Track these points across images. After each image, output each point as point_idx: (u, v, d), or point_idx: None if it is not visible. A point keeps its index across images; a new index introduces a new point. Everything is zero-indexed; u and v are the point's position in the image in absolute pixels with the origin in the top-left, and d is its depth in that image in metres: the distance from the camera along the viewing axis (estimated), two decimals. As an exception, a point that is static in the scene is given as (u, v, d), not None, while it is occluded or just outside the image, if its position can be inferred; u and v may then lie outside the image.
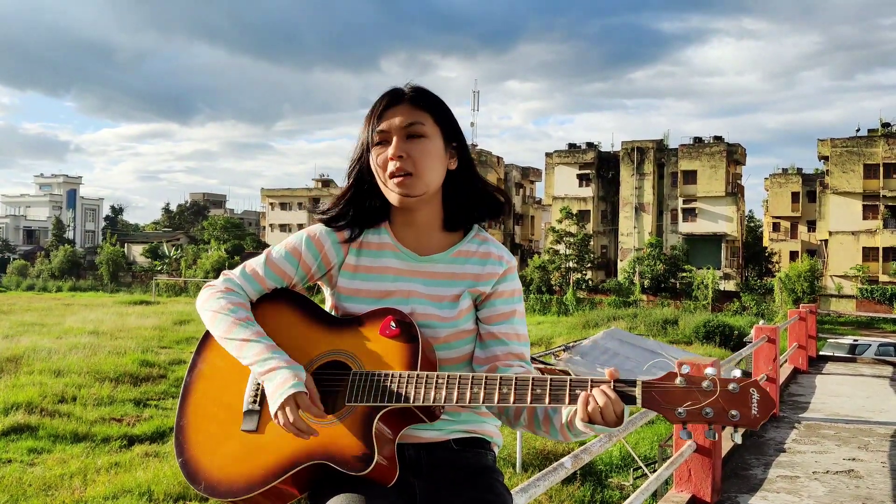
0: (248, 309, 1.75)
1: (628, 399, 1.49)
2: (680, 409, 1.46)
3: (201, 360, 1.78)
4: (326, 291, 1.85)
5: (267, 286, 1.80)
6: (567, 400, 1.52)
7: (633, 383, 1.50)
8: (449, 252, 1.80)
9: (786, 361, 11.17)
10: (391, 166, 1.69)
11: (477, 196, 1.82)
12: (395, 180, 1.70)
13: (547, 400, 1.53)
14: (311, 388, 1.60)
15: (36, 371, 18.91)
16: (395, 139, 1.70)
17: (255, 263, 1.81)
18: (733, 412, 1.45)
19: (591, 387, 1.51)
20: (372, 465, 1.53)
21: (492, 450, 1.83)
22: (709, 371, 1.48)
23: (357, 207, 1.79)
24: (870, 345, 23.71)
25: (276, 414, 1.56)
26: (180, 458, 1.67)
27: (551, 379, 1.55)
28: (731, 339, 31.57)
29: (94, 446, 13.55)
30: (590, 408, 1.49)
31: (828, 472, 5.98)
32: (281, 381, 1.57)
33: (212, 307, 1.73)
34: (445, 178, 1.78)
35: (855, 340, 24.77)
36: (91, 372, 19.01)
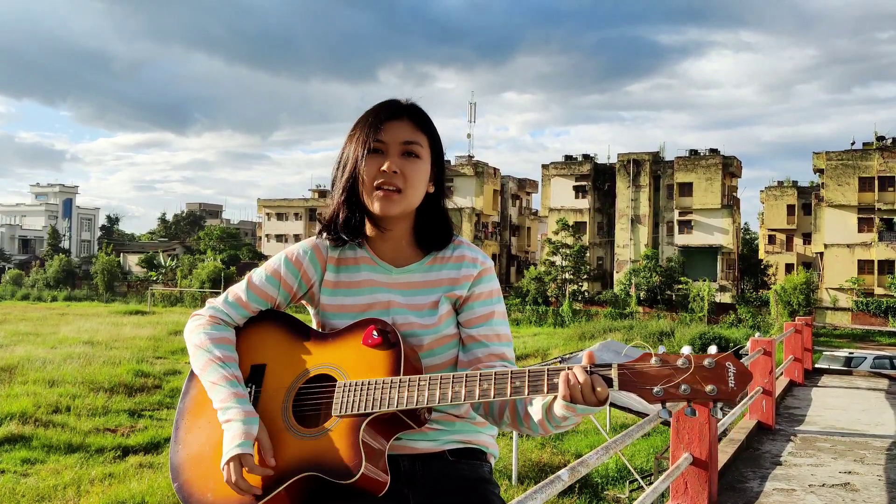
0: (228, 343, 1.77)
1: (605, 382, 1.50)
2: (656, 388, 1.47)
3: (193, 386, 1.80)
4: (311, 311, 1.88)
5: (252, 310, 1.83)
6: (546, 389, 1.53)
7: (608, 366, 1.51)
8: (424, 261, 1.82)
9: (781, 374, 11.17)
10: (382, 177, 1.71)
11: (445, 219, 1.85)
12: (381, 192, 1.72)
13: (526, 391, 1.54)
14: (263, 440, 1.61)
15: (30, 381, 18.85)
16: (392, 153, 1.73)
17: (238, 290, 1.84)
18: (710, 387, 1.46)
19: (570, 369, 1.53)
20: (359, 474, 1.53)
21: (488, 461, 1.83)
22: (684, 349, 1.50)
23: (350, 215, 1.80)
24: (865, 357, 23.71)
25: (222, 468, 1.58)
26: (175, 482, 1.69)
27: (529, 370, 1.56)
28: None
29: (88, 457, 13.49)
30: (570, 383, 1.49)
31: (824, 485, 5.98)
32: (230, 437, 1.59)
33: (194, 341, 1.77)
34: (425, 199, 1.81)
35: (850, 353, 24.77)
36: (85, 382, 18.95)
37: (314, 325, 1.85)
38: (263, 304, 1.83)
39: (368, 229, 1.82)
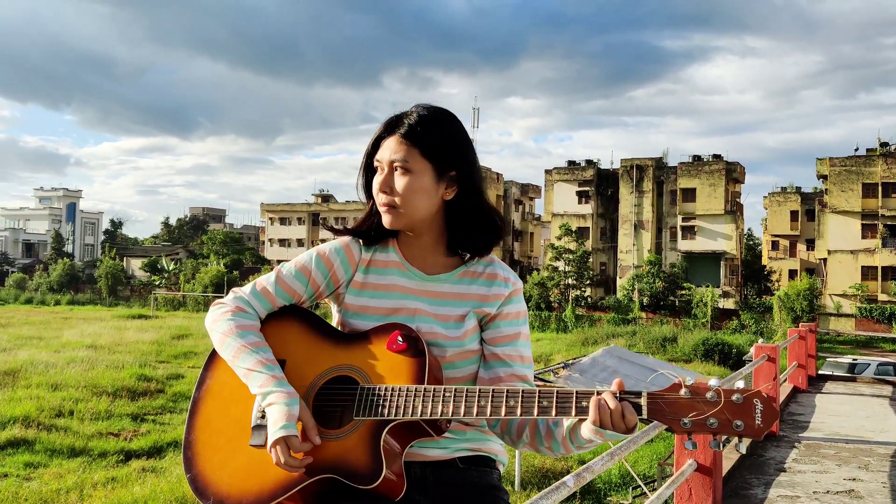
0: (256, 331, 1.76)
1: (634, 409, 1.51)
2: (685, 420, 1.48)
3: (209, 376, 1.78)
4: (333, 308, 1.87)
5: (276, 304, 1.82)
6: (574, 412, 1.54)
7: (638, 394, 1.52)
8: (455, 272, 1.82)
9: (785, 380, 11.16)
10: (379, 196, 1.76)
11: (480, 221, 1.82)
12: (383, 209, 1.75)
13: (553, 412, 1.54)
14: (306, 419, 1.61)
15: (33, 385, 18.86)
16: (384, 172, 1.75)
17: (266, 282, 1.83)
18: (738, 422, 1.47)
19: (599, 394, 1.54)
20: (380, 479, 1.54)
21: (497, 468, 1.84)
22: (713, 382, 1.51)
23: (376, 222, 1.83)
24: (869, 364, 23.67)
25: (270, 450, 1.59)
26: (189, 473, 1.68)
27: (558, 391, 1.56)
28: (730, 358, 31.56)
29: (90, 461, 13.49)
30: (602, 410, 1.51)
31: (828, 492, 5.96)
32: (274, 420, 1.59)
33: (221, 329, 1.75)
34: (449, 204, 1.79)
35: (854, 359, 24.75)
36: (88, 386, 18.96)
37: (335, 324, 1.84)
38: (289, 300, 1.82)
39: (399, 234, 1.84)
